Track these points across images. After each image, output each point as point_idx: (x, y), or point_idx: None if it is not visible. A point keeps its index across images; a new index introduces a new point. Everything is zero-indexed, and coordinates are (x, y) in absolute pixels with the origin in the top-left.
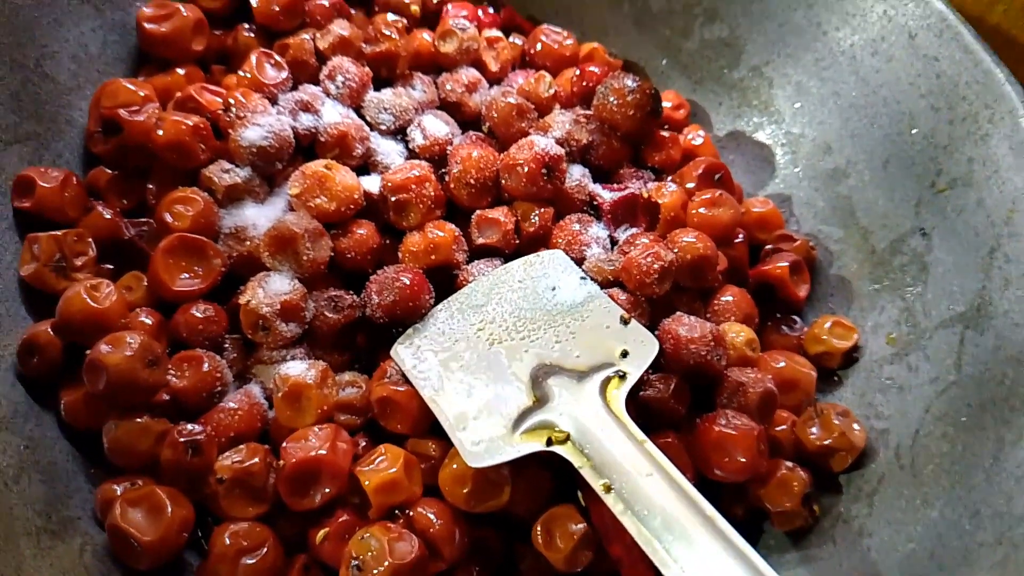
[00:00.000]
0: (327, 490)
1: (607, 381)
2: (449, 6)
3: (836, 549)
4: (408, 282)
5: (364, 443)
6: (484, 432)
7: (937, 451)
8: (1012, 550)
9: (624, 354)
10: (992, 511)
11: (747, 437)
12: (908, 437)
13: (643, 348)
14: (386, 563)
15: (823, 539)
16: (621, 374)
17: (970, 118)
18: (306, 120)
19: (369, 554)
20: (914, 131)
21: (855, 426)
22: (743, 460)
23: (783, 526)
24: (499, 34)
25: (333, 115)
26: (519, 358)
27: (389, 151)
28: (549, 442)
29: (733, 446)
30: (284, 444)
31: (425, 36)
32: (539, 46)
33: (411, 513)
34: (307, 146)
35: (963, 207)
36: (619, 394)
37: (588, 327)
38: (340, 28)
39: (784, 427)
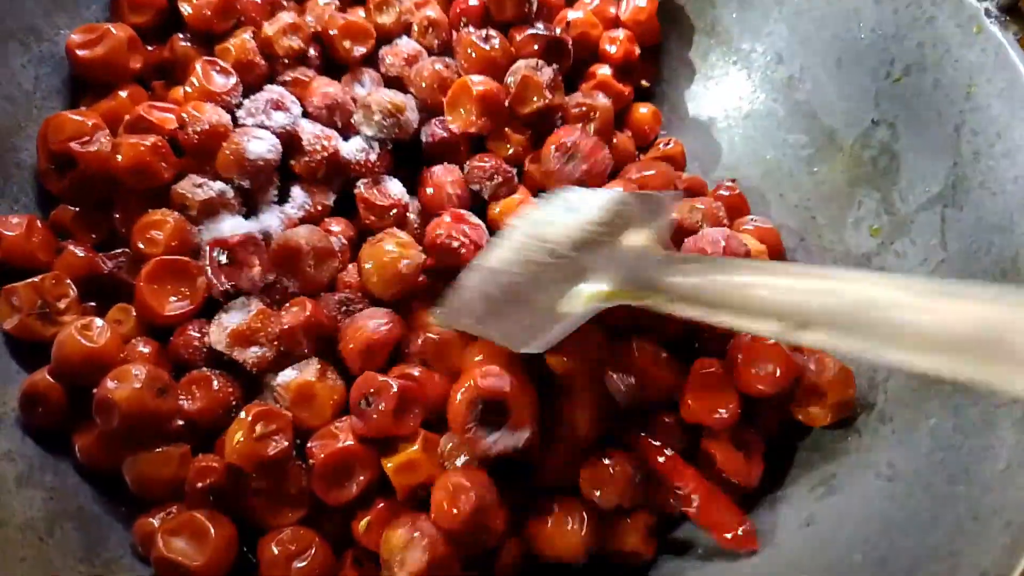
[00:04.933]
0: (361, 478)
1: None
2: None
3: (862, 441)
4: None
5: None
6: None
7: None
8: None
9: None
10: None
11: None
12: None
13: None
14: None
15: (847, 432)
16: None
17: (913, 3)
18: (280, 119)
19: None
20: (861, 26)
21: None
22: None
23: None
24: None
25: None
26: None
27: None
28: (606, 298)
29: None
30: (308, 444)
31: (360, 13)
32: None
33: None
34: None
35: (921, 91)
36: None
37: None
38: (287, 16)
39: None
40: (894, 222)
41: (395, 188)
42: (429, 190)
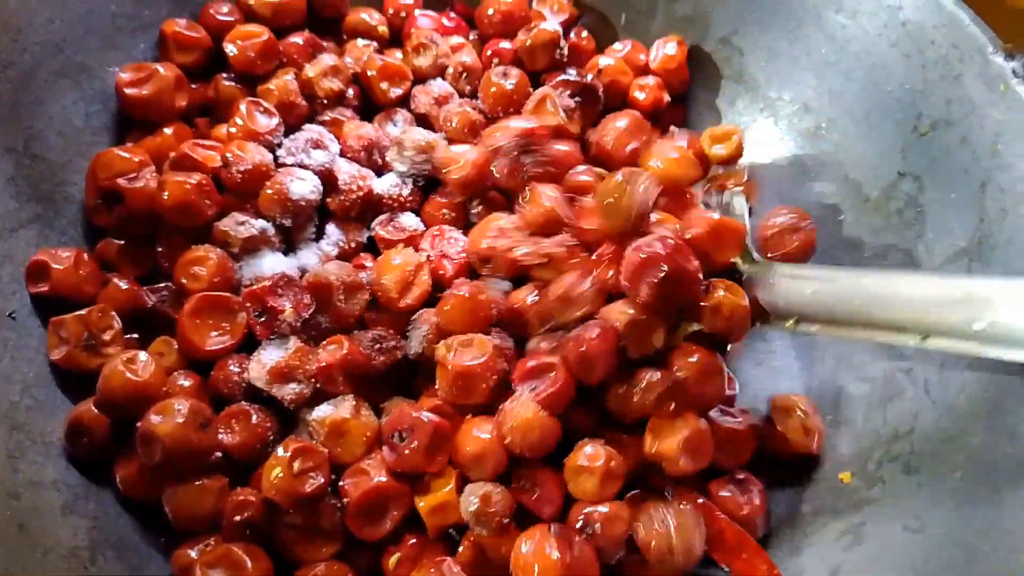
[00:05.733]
0: (395, 513)
1: None
2: (417, 13)
3: (886, 488)
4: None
5: None
6: None
7: (965, 382)
8: None
9: None
10: None
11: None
12: (934, 372)
13: None
14: None
15: (872, 482)
16: None
17: (941, 61)
18: (320, 158)
19: None
20: (889, 80)
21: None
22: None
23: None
24: (462, 40)
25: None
26: None
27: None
28: None
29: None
30: (341, 482)
31: (397, 55)
32: (491, 11)
33: None
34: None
35: (948, 147)
36: None
37: None
38: (327, 58)
39: None
40: None
41: (408, 220)
42: (429, 211)
